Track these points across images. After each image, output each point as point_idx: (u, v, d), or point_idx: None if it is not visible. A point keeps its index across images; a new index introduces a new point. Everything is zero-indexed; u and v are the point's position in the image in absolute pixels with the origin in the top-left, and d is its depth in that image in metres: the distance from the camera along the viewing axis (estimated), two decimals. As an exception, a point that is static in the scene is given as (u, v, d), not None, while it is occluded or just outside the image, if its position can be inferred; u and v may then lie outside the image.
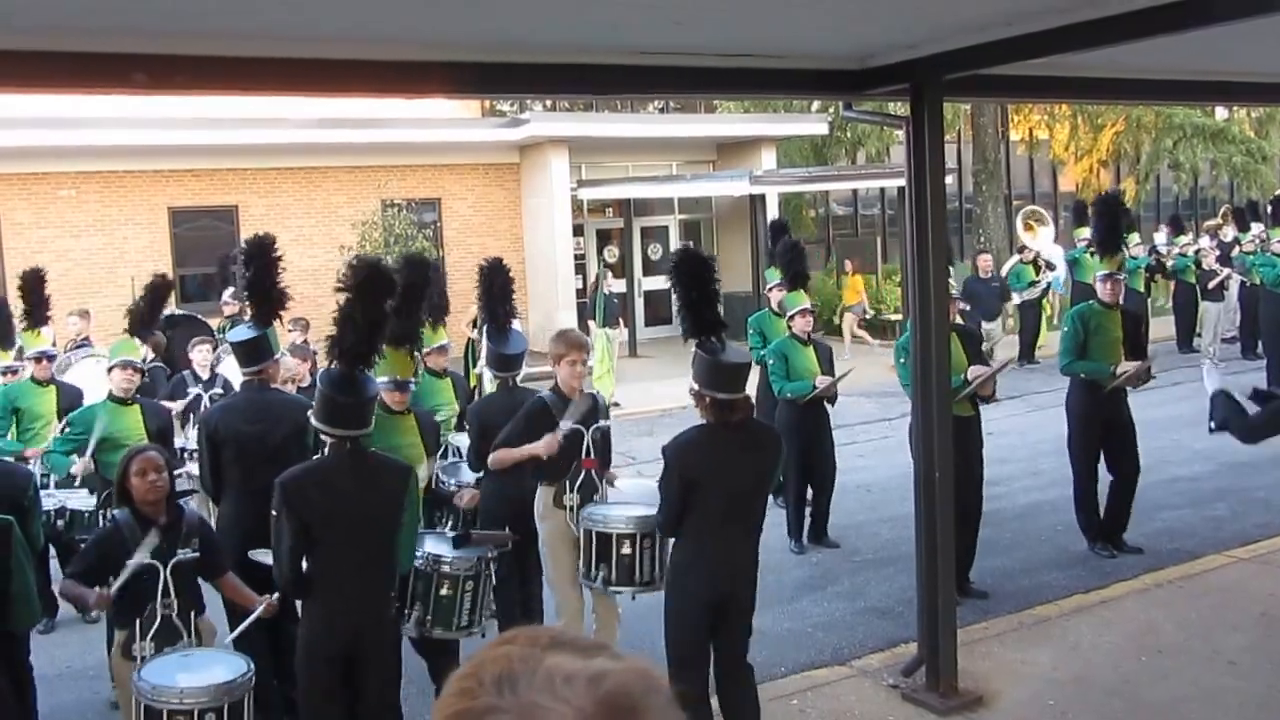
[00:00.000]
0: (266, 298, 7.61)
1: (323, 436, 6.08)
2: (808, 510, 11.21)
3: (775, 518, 8.58)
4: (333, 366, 6.02)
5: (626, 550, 6.99)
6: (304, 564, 5.85)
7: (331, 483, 5.85)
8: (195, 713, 5.51)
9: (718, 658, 6.50)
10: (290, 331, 14.56)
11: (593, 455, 7.52)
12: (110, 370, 8.84)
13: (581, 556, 7.20)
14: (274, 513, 5.81)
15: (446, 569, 6.63)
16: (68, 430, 8.62)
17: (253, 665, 5.87)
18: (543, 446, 7.22)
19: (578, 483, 7.44)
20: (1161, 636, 8.36)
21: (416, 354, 7.96)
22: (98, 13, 5.04)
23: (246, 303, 7.82)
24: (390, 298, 6.16)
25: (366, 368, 6.07)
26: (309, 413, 6.42)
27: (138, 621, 6.03)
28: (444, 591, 6.61)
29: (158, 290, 10.88)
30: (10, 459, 8.62)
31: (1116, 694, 7.51)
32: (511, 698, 1.37)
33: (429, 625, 6.66)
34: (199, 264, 22.88)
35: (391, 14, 5.32)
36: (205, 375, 11.84)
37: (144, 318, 9.45)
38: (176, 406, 10.75)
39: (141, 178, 23.13)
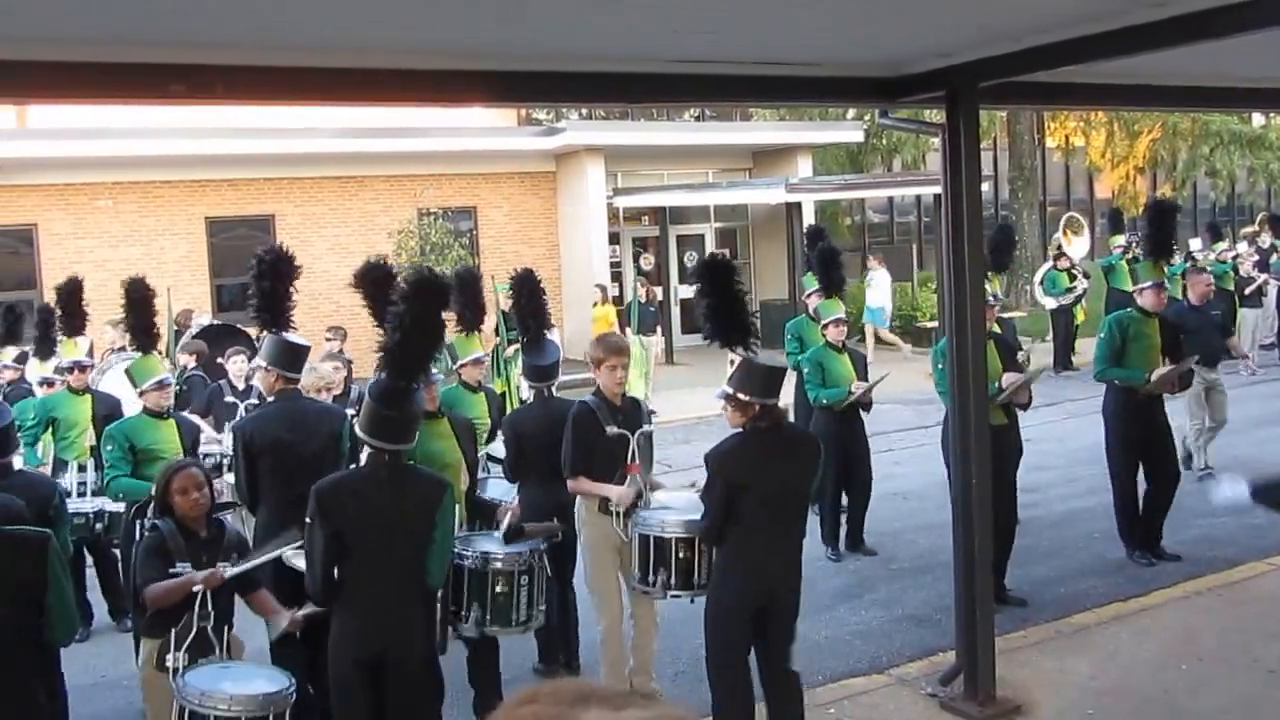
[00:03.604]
0: (281, 308, 7.65)
1: (364, 446, 6.09)
2: (843, 518, 11.18)
3: (811, 525, 8.56)
4: (382, 377, 6.01)
5: (684, 554, 7.04)
6: (335, 572, 5.87)
7: (366, 493, 5.85)
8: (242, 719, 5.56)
9: (763, 666, 6.51)
10: (329, 340, 14.68)
11: (637, 460, 7.54)
12: (143, 394, 8.81)
13: (637, 562, 7.24)
14: (308, 520, 5.84)
15: (499, 565, 6.68)
16: (109, 450, 8.60)
17: (294, 681, 5.90)
18: (618, 495, 7.37)
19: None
20: (1201, 645, 8.29)
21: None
22: (136, 23, 5.08)
23: (255, 313, 7.80)
24: (445, 309, 6.15)
25: (417, 380, 6.07)
26: (353, 420, 6.42)
27: (172, 632, 6.06)
28: (499, 589, 6.68)
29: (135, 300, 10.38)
30: (35, 469, 8.70)
31: (1155, 703, 7.46)
32: None
33: (488, 623, 6.73)
34: (236, 273, 22.98)
35: (428, 24, 5.34)
36: (241, 385, 11.96)
37: (147, 330, 9.31)
38: (208, 430, 10.74)
39: (178, 187, 23.30)
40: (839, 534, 11.08)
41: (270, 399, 7.89)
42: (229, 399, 11.74)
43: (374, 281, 7.51)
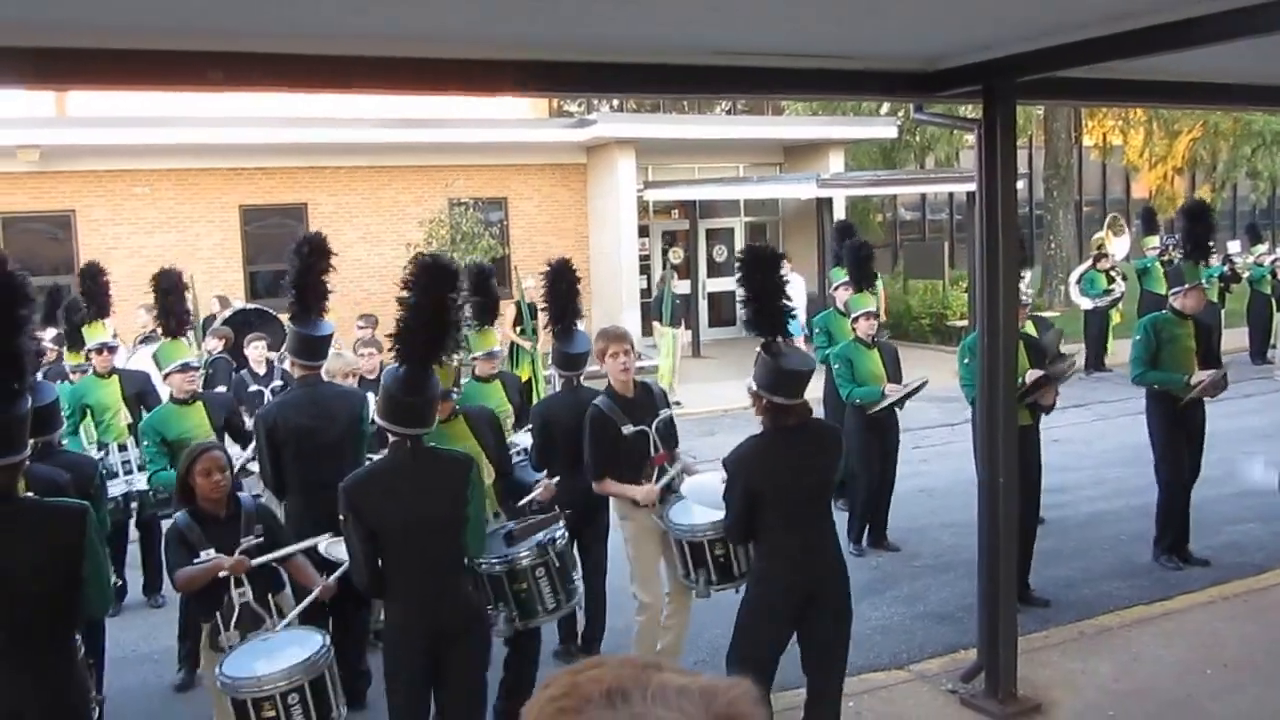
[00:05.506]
0: (315, 294, 7.70)
1: (386, 434, 6.11)
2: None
3: (836, 520, 8.55)
4: (398, 365, 6.03)
5: (720, 552, 7.09)
6: (380, 563, 5.88)
7: (393, 484, 5.84)
8: (278, 696, 5.60)
9: (808, 689, 6.47)
10: (361, 329, 14.77)
11: (660, 450, 7.55)
12: (168, 377, 8.89)
13: (678, 560, 7.31)
14: (341, 517, 5.86)
15: (512, 566, 6.70)
16: (146, 446, 8.64)
17: (328, 638, 5.93)
18: (642, 495, 7.42)
19: (654, 479, 7.50)
20: (1225, 650, 8.25)
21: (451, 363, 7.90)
22: (175, 11, 5.11)
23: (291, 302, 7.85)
24: (453, 293, 6.15)
25: (430, 365, 6.07)
26: (372, 410, 6.46)
27: (218, 614, 6.13)
28: (519, 586, 6.75)
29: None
30: (76, 451, 8.78)
31: (1178, 707, 7.42)
32: (625, 709, 1.39)
33: (519, 620, 6.80)
34: (269, 261, 23.09)
35: (462, 14, 5.36)
36: (261, 370, 12.08)
37: (177, 316, 9.40)
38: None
39: (214, 175, 23.43)
40: (864, 529, 11.07)
41: (294, 385, 8.01)
42: (253, 387, 11.87)
43: None
